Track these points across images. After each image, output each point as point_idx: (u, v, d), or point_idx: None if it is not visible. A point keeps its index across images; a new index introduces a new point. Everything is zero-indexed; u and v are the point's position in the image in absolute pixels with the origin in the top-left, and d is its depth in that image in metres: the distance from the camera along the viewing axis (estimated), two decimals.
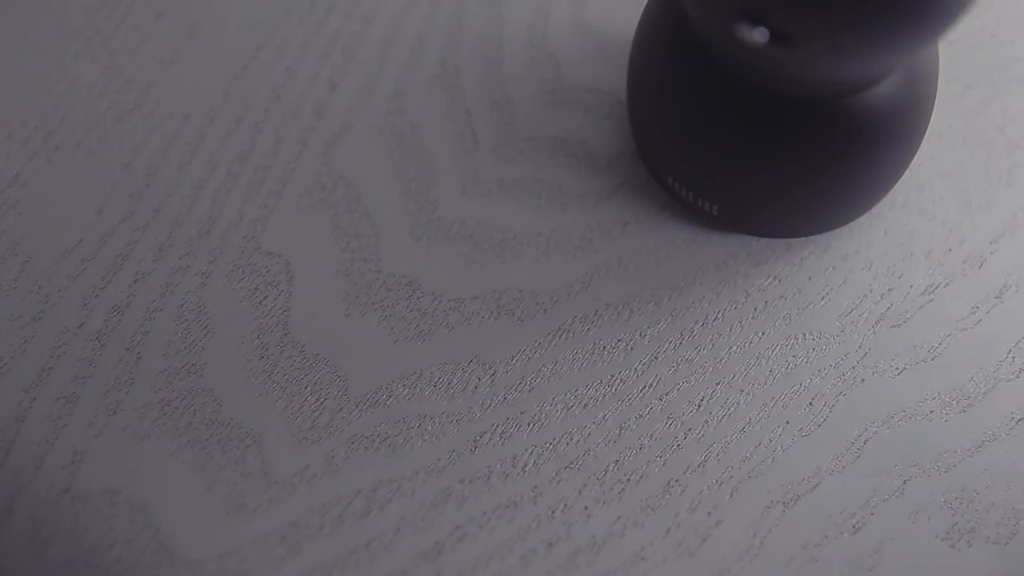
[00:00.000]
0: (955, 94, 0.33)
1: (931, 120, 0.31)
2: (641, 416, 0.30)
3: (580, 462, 0.29)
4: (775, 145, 0.28)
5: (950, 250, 0.31)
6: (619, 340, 0.31)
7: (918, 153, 0.32)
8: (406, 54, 0.34)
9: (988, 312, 0.31)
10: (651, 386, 0.30)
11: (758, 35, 0.23)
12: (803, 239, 0.32)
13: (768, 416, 0.30)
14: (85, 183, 0.33)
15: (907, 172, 0.32)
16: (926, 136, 0.32)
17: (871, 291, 0.31)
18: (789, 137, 0.28)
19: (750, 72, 0.26)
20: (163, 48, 0.35)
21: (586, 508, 0.29)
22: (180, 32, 0.35)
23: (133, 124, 0.33)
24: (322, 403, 0.30)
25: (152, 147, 0.33)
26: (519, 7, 0.35)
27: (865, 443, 0.29)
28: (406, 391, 0.30)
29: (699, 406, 0.30)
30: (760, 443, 0.29)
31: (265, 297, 0.31)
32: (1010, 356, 0.30)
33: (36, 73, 0.34)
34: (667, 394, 0.30)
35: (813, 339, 0.30)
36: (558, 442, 0.29)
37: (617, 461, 0.29)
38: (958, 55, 0.34)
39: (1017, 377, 0.30)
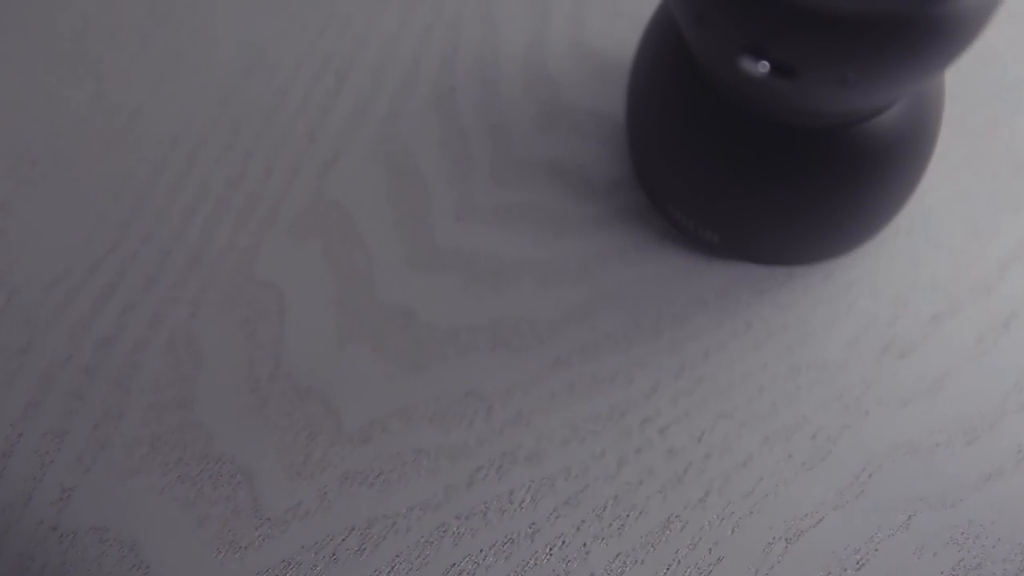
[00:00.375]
0: (961, 116, 0.33)
1: (937, 144, 0.30)
2: (640, 450, 0.29)
3: (578, 498, 0.29)
4: (778, 173, 0.27)
5: (956, 278, 0.31)
6: (618, 372, 0.30)
7: (923, 177, 0.31)
8: (400, 76, 0.34)
9: (995, 341, 0.30)
10: (651, 419, 0.29)
11: (762, 67, 0.22)
12: (806, 267, 0.31)
13: (770, 450, 0.29)
14: (72, 211, 0.32)
15: (912, 197, 0.31)
16: (931, 160, 0.31)
17: (876, 320, 0.30)
18: (792, 166, 0.27)
19: (753, 103, 0.26)
20: (151, 72, 0.34)
21: (584, 545, 0.28)
22: (169, 55, 0.34)
23: (121, 150, 0.33)
24: (315, 437, 0.29)
25: (141, 174, 0.33)
26: (515, 28, 0.34)
27: (869, 477, 0.29)
28: (400, 425, 0.29)
29: (700, 440, 0.29)
30: (762, 478, 0.29)
31: (257, 328, 0.31)
32: (1017, 387, 0.29)
33: (22, 98, 0.34)
34: (667, 427, 0.29)
35: (816, 370, 0.30)
36: (556, 477, 0.29)
37: (616, 496, 0.29)
38: (964, 77, 0.33)
39: None
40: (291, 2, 0.35)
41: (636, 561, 0.28)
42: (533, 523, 0.28)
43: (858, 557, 0.28)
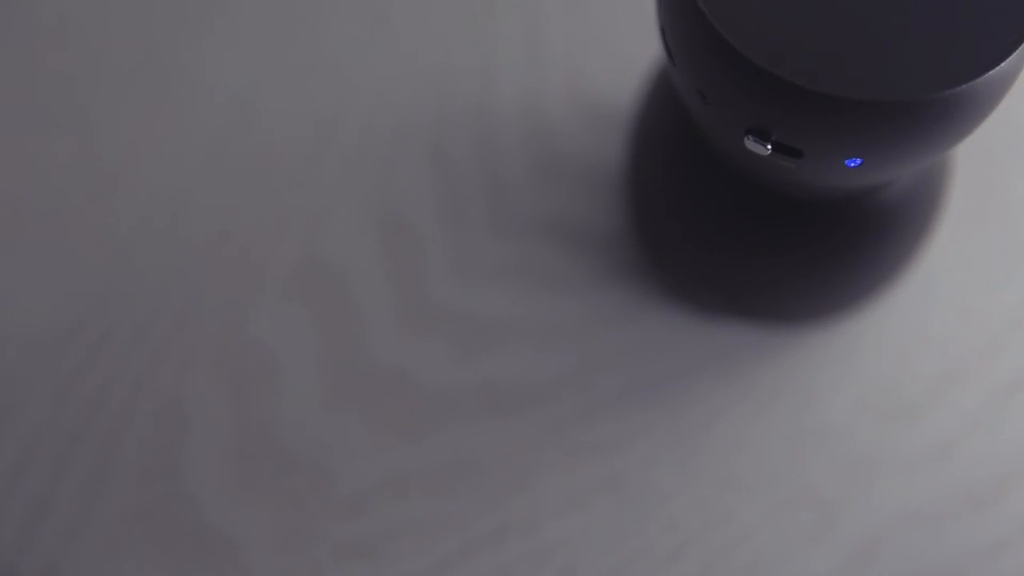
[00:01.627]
0: (972, 169, 0.32)
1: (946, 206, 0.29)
2: (639, 520, 0.28)
3: (575, 570, 0.28)
4: (781, 236, 0.26)
5: (964, 337, 0.30)
6: (616, 438, 0.29)
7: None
8: (392, 129, 0.33)
9: (1005, 404, 0.29)
10: (650, 488, 0.29)
11: (766, 148, 0.21)
12: (810, 327, 0.30)
13: (774, 519, 0.28)
14: (56, 267, 0.31)
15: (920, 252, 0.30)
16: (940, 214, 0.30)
17: (881, 382, 0.29)
18: (797, 230, 0.26)
19: (757, 176, 0.25)
20: (137, 122, 0.33)
21: None
22: (154, 105, 0.33)
23: (106, 203, 0.32)
24: (306, 507, 0.29)
25: (126, 227, 0.32)
26: (511, 78, 0.33)
27: (876, 548, 0.28)
28: (394, 494, 0.29)
29: (701, 508, 0.28)
30: (765, 548, 0.28)
31: (246, 392, 0.30)
32: None
33: (4, 150, 0.33)
34: (668, 496, 0.28)
35: (820, 436, 0.29)
36: (552, 549, 0.28)
37: (614, 569, 0.28)
38: None
39: None
40: (280, 52, 0.34)
41: None
42: None
43: None
